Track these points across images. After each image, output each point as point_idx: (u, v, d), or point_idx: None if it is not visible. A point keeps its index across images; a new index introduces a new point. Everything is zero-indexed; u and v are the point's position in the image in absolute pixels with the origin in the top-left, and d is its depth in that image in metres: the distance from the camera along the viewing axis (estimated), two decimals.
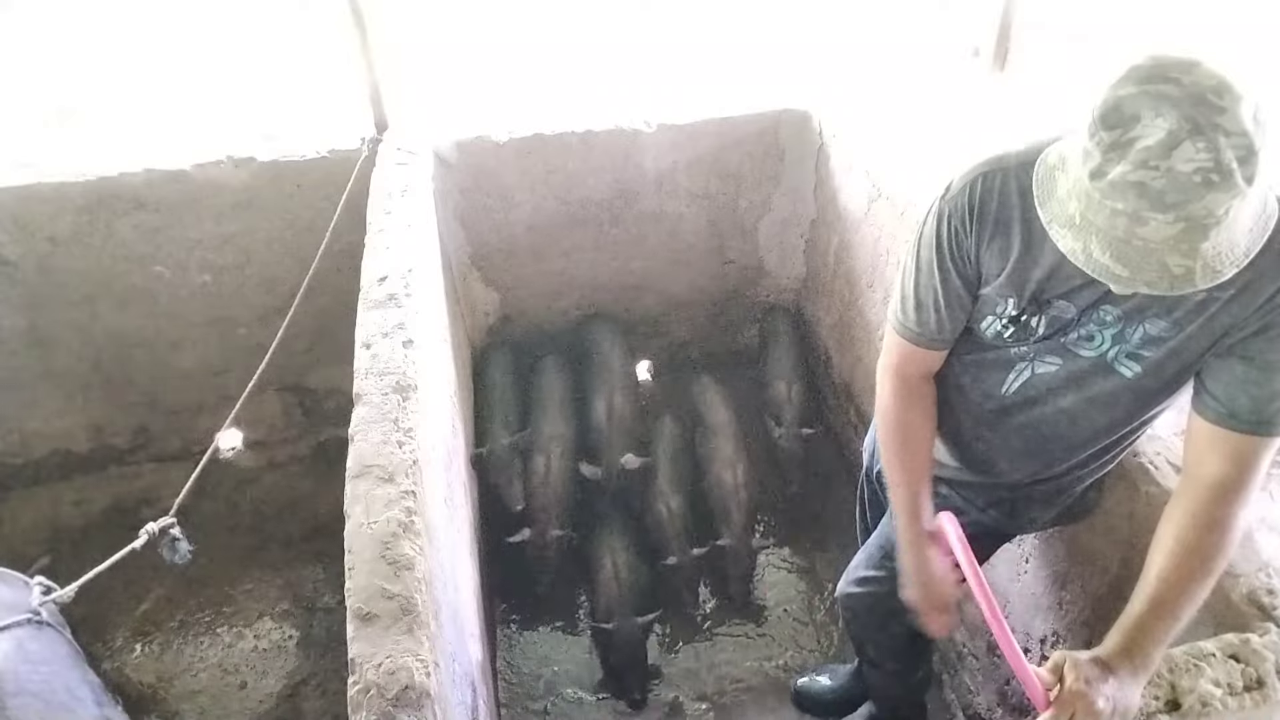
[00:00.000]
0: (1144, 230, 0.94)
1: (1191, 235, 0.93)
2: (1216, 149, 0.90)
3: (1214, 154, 0.90)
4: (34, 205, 2.58)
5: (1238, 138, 0.90)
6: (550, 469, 2.76)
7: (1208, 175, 0.90)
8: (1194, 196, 0.91)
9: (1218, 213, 0.92)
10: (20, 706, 1.61)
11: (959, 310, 1.36)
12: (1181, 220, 0.92)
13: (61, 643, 1.86)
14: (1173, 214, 0.92)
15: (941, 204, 1.29)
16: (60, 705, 1.70)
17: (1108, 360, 1.25)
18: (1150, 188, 0.92)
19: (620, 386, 2.97)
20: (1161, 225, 0.93)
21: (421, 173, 2.56)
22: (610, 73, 3.48)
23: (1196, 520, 1.19)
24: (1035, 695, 1.14)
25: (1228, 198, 0.91)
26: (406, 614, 1.33)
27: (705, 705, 2.49)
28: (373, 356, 1.84)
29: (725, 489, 2.77)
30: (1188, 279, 0.96)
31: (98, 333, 2.86)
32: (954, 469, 1.57)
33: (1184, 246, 0.94)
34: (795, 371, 3.11)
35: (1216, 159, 0.90)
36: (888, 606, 1.77)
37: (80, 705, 1.74)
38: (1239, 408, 1.16)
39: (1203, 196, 0.91)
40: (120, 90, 3.60)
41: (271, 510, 3.03)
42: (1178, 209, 0.92)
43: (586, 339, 3.17)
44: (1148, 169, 0.92)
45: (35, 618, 1.79)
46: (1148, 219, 0.93)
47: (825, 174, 2.97)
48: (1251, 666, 1.27)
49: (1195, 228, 0.93)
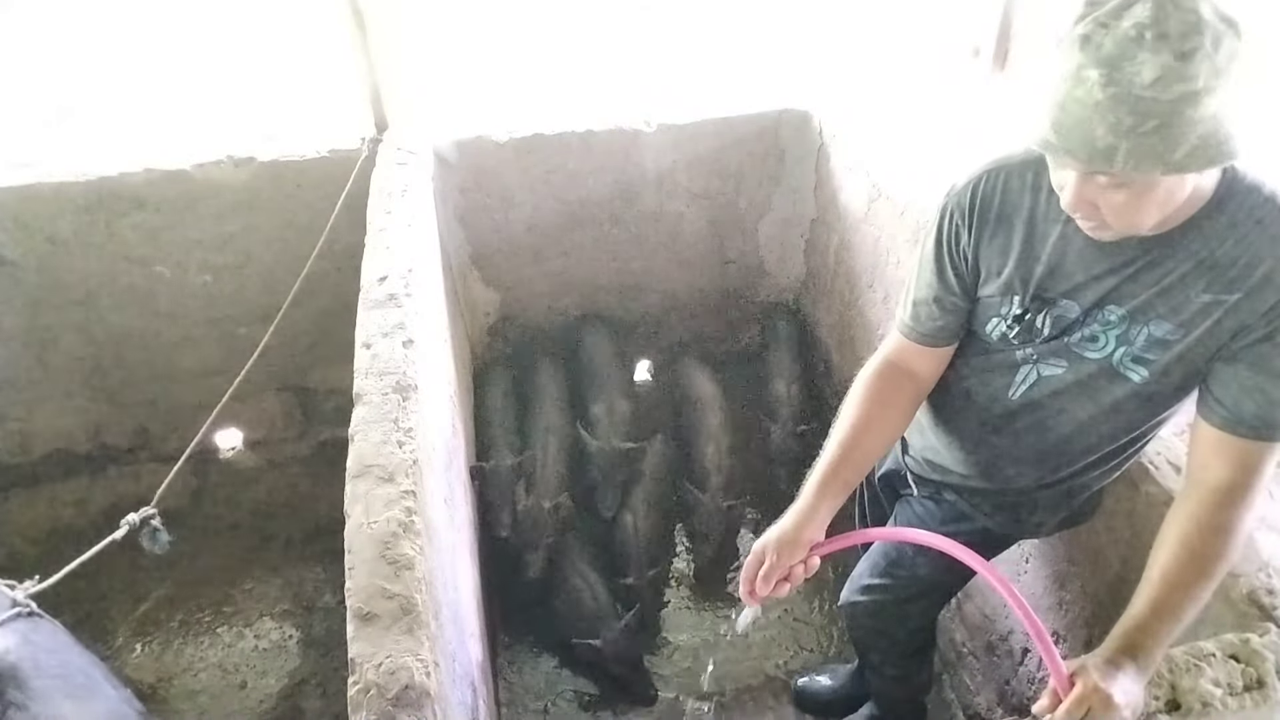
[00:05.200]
0: (1079, 91, 0.97)
1: (1119, 105, 0.94)
2: (1163, 11, 0.92)
3: (1157, 15, 0.92)
4: (34, 205, 2.58)
5: (1187, 13, 0.92)
6: (548, 452, 2.82)
7: (1143, 31, 0.92)
8: (1126, 52, 0.93)
9: (1146, 79, 0.92)
10: (43, 687, 1.61)
11: (951, 308, 1.36)
12: (1113, 84, 0.94)
13: (61, 632, 1.87)
14: (1105, 71, 0.94)
15: (946, 200, 1.32)
16: (81, 685, 1.70)
17: (1113, 363, 1.25)
18: (1092, 40, 0.95)
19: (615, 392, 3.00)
20: (1095, 86, 0.95)
21: (421, 173, 2.56)
22: (610, 73, 3.48)
23: (1200, 524, 1.19)
24: (1059, 676, 1.14)
25: (1157, 61, 0.92)
26: (406, 614, 1.33)
27: (705, 705, 2.49)
28: (373, 356, 1.84)
29: (707, 459, 2.84)
30: (1108, 155, 0.97)
31: (98, 333, 2.86)
32: (960, 475, 1.56)
33: (1111, 118, 0.95)
34: (794, 370, 3.12)
35: (1157, 18, 0.92)
36: (892, 615, 1.78)
37: (97, 684, 1.75)
38: (1245, 413, 1.15)
39: (1134, 55, 0.92)
40: (120, 90, 3.61)
41: (271, 510, 3.03)
42: (1110, 65, 0.94)
43: (581, 345, 3.19)
44: (1097, 24, 0.95)
45: (29, 609, 1.80)
46: (1085, 77, 0.96)
47: (825, 174, 2.97)
48: (1251, 666, 1.27)
49: (1124, 96, 0.94)
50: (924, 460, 1.63)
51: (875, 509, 1.93)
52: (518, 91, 3.36)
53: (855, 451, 1.41)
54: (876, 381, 1.45)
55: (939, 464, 1.59)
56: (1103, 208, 1.07)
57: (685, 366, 3.25)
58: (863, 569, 1.82)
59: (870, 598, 1.78)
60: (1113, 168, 0.98)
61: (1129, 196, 1.03)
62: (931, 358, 1.43)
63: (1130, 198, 1.03)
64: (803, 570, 1.37)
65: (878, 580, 1.76)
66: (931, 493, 1.66)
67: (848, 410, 1.44)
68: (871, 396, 1.44)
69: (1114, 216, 1.07)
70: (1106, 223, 1.09)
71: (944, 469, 1.58)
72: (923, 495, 1.69)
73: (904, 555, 1.70)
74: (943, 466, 1.58)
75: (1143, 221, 1.08)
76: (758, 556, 1.37)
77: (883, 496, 1.87)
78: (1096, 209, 1.07)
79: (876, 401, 1.43)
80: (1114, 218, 1.08)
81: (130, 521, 1.85)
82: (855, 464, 1.42)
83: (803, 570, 1.37)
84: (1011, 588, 1.19)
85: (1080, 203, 1.08)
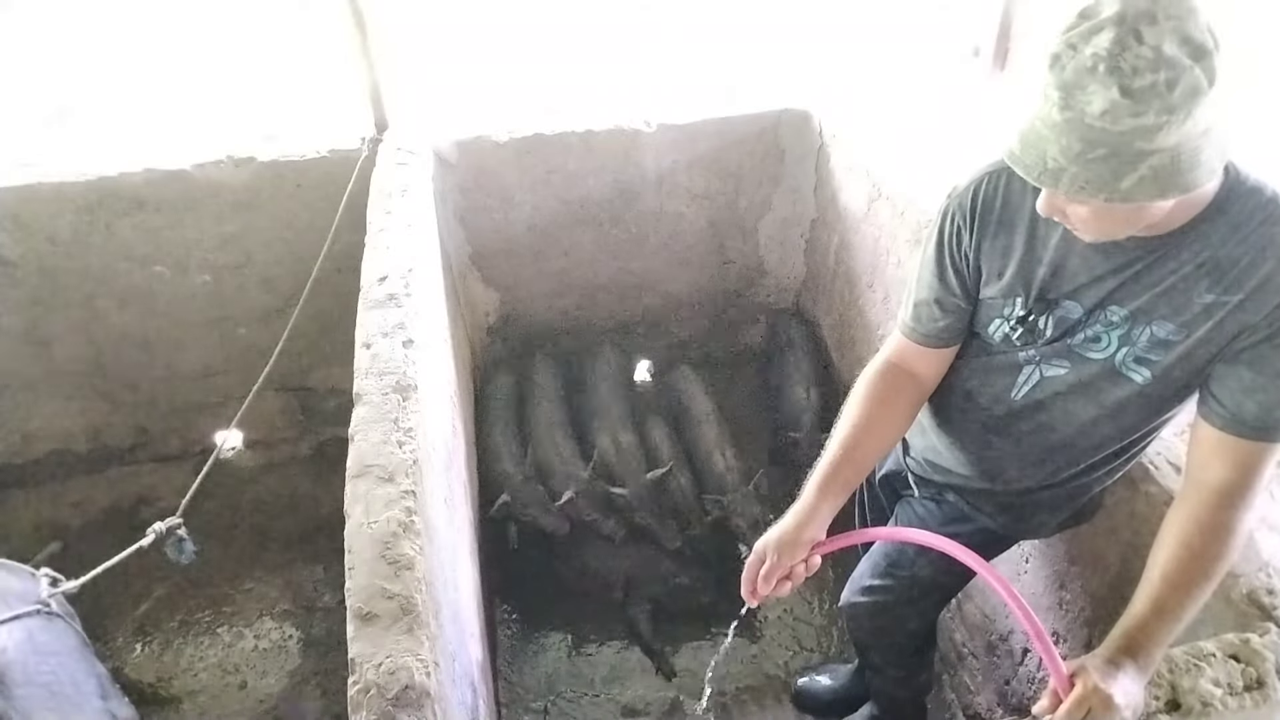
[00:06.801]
0: (1041, 110, 0.98)
1: (1071, 131, 0.95)
2: (1120, 45, 0.91)
3: (1114, 48, 0.92)
4: (34, 205, 2.58)
5: (1146, 49, 0.91)
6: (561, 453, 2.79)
7: (1098, 62, 0.92)
8: (1080, 81, 0.93)
9: (1095, 110, 0.93)
10: (27, 697, 1.63)
11: (952, 309, 1.36)
12: (1068, 109, 0.95)
13: (70, 634, 1.89)
14: (1063, 95, 0.95)
15: (948, 201, 1.32)
16: (66, 697, 1.72)
17: (1116, 364, 1.25)
18: (1059, 61, 0.96)
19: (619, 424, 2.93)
20: (1053, 108, 0.96)
21: (421, 173, 2.56)
22: (610, 73, 3.49)
23: (1201, 525, 1.19)
24: (1059, 676, 1.14)
25: (1105, 95, 0.92)
26: (406, 614, 1.33)
27: (705, 705, 2.48)
28: (373, 356, 1.84)
29: (716, 470, 2.81)
30: (1056, 176, 0.99)
31: (98, 333, 2.86)
32: (962, 476, 1.56)
33: (1063, 141, 0.96)
34: (811, 374, 3.08)
35: (1113, 53, 0.91)
36: (893, 615, 1.78)
37: (85, 698, 1.76)
38: (1246, 414, 1.15)
39: (1086, 85, 0.93)
40: (120, 90, 3.61)
41: (271, 510, 3.03)
42: (1067, 91, 0.95)
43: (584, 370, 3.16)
44: (1068, 45, 0.95)
45: (45, 608, 1.81)
46: (1048, 96, 0.97)
47: (825, 174, 2.97)
48: (1251, 666, 1.27)
49: (1076, 123, 0.95)
50: (925, 461, 1.63)
51: (876, 509, 1.93)
52: (518, 91, 3.36)
53: (856, 452, 1.41)
54: (878, 382, 1.45)
55: (940, 465, 1.59)
56: (1070, 217, 1.09)
57: (680, 377, 3.20)
58: (863, 569, 1.82)
59: (871, 598, 1.78)
60: (1058, 189, 0.99)
61: (1090, 212, 1.05)
62: (933, 359, 1.43)
63: (1091, 213, 1.05)
64: (804, 569, 1.37)
65: (878, 581, 1.76)
66: (933, 493, 1.66)
67: (849, 411, 1.45)
68: (873, 397, 1.44)
69: (1082, 226, 1.09)
70: (1074, 227, 1.11)
71: (945, 470, 1.58)
72: (924, 496, 1.69)
73: (904, 556, 1.70)
74: (944, 467, 1.58)
75: (1113, 232, 1.09)
76: (759, 556, 1.38)
77: (883, 497, 1.87)
78: (1065, 216, 1.09)
79: (878, 402, 1.43)
80: (1082, 227, 1.09)
81: (157, 530, 1.88)
82: (856, 464, 1.42)
83: (804, 569, 1.37)
84: (1011, 589, 1.19)
85: (1050, 209, 1.10)
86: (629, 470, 2.78)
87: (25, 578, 1.91)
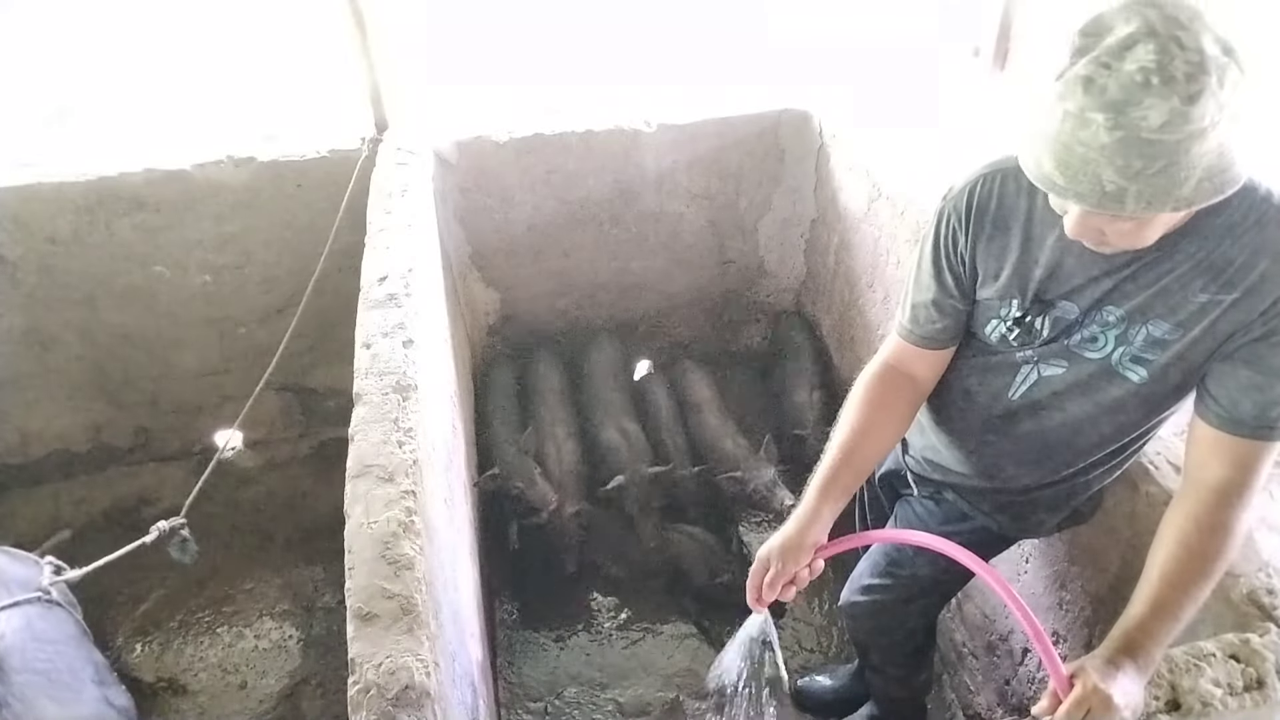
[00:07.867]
0: (1085, 134, 0.95)
1: (1127, 149, 0.94)
2: (1167, 54, 0.91)
3: (1161, 58, 0.91)
4: (34, 205, 2.58)
5: (1191, 53, 0.91)
6: (560, 450, 2.83)
7: (1149, 75, 0.91)
8: (1133, 98, 0.92)
9: (1154, 123, 0.92)
10: (24, 683, 1.64)
11: (949, 311, 1.37)
12: (1120, 128, 0.93)
13: (69, 622, 1.90)
14: (1112, 115, 0.93)
15: (943, 203, 1.33)
16: (63, 684, 1.73)
17: (1112, 364, 1.25)
18: (1095, 83, 0.94)
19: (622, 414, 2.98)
20: (1100, 130, 0.94)
21: (421, 173, 2.56)
22: (610, 73, 3.48)
23: (1199, 524, 1.19)
24: (1058, 677, 1.14)
25: (1165, 106, 0.91)
26: (406, 614, 1.33)
27: (705, 705, 2.48)
28: (373, 356, 1.84)
29: (727, 451, 2.84)
30: (1118, 198, 0.96)
31: (98, 333, 2.86)
32: (960, 475, 1.56)
33: (1119, 161, 0.95)
34: (815, 380, 3.08)
35: (1161, 63, 0.91)
36: (892, 615, 1.78)
37: (82, 685, 1.78)
38: (1243, 413, 1.15)
39: (1140, 100, 0.91)
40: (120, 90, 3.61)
41: (271, 510, 3.03)
42: (1116, 110, 0.93)
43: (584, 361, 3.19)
44: (1099, 65, 0.94)
45: (45, 596, 1.82)
46: (1089, 120, 0.94)
47: (825, 174, 2.97)
48: (1251, 666, 1.27)
49: (1131, 140, 0.93)
50: (924, 460, 1.63)
51: (876, 509, 1.93)
52: (518, 91, 3.36)
53: (855, 455, 1.41)
54: (876, 385, 1.45)
55: (939, 464, 1.59)
56: (1108, 233, 1.07)
57: (683, 370, 3.24)
58: (863, 569, 1.83)
59: (870, 598, 1.78)
60: (1124, 211, 0.97)
61: (1135, 225, 1.04)
62: (931, 360, 1.44)
63: (1136, 225, 1.04)
64: (807, 574, 1.37)
65: (878, 580, 1.76)
66: (932, 492, 1.66)
67: (847, 414, 1.45)
68: (871, 400, 1.44)
69: (1120, 240, 1.08)
70: (1109, 243, 1.10)
71: (944, 469, 1.59)
72: (923, 495, 1.69)
73: (904, 556, 1.70)
74: (943, 466, 1.58)
75: (1148, 239, 1.08)
76: (763, 563, 1.38)
77: (883, 497, 1.87)
78: (1102, 234, 1.08)
79: (876, 405, 1.43)
80: (1120, 240, 1.08)
81: (161, 528, 1.89)
82: (855, 468, 1.42)
83: (807, 574, 1.37)
84: (1011, 589, 1.19)
85: (1085, 231, 1.08)
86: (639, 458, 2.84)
87: (28, 565, 1.92)
